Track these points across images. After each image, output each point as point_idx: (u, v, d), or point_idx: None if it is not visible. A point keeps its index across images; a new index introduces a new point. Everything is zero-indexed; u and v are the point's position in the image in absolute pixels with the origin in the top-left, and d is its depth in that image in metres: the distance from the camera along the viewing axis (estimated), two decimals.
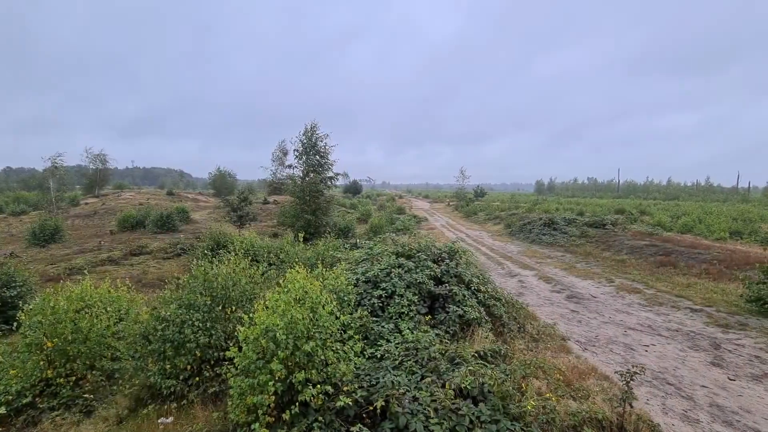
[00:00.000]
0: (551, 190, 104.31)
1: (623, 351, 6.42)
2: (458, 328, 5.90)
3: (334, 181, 21.35)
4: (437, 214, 39.43)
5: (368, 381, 3.94)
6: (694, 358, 6.14)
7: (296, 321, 3.59)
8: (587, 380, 5.09)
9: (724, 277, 10.66)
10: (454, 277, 6.85)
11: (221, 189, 50.77)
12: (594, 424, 3.87)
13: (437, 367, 4.03)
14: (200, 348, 4.83)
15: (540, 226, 20.39)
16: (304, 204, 19.33)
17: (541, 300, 9.54)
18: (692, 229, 19.99)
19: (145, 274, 12.58)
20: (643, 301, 9.24)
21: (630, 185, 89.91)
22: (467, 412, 3.24)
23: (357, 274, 6.72)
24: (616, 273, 12.20)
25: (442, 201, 61.00)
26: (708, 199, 56.23)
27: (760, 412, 4.62)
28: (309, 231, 18.49)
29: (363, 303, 6.01)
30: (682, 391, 5.10)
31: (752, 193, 68.18)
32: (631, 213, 27.76)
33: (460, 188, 50.92)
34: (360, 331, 5.19)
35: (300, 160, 19.70)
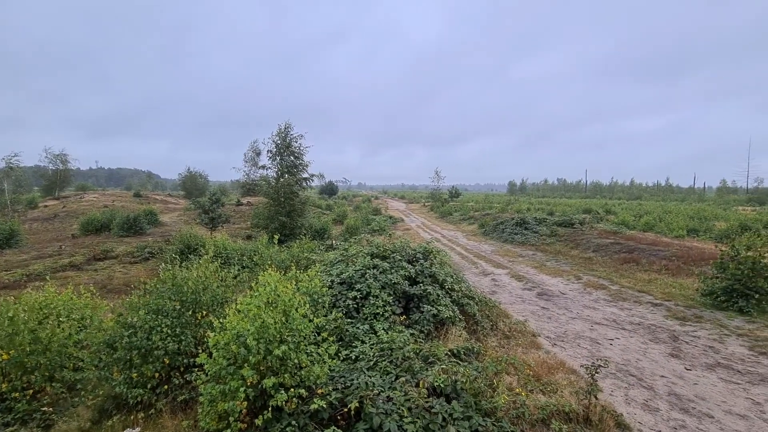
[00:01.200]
0: (523, 190, 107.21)
1: (590, 345, 6.69)
2: (432, 327, 5.98)
3: (310, 182, 21.16)
4: (413, 215, 39.74)
5: (343, 383, 3.93)
6: (655, 350, 6.47)
7: (268, 325, 3.54)
8: (556, 374, 5.27)
9: (682, 272, 11.27)
10: (429, 277, 6.94)
11: (192, 190, 49.28)
12: (562, 417, 4.02)
13: (411, 367, 4.07)
14: (169, 355, 4.68)
15: (512, 226, 20.92)
16: (278, 205, 19.05)
17: (513, 298, 9.79)
18: (653, 227, 21.03)
19: (111, 280, 12.05)
20: (609, 297, 9.65)
21: (596, 186, 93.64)
22: (440, 410, 3.29)
23: (332, 276, 6.69)
24: (583, 270, 12.68)
25: (418, 202, 61.52)
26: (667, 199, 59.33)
27: (713, 399, 4.92)
28: (284, 233, 18.23)
29: (338, 304, 5.99)
30: (643, 382, 5.36)
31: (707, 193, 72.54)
32: (597, 212, 28.93)
33: (435, 189, 51.55)
34: (335, 333, 5.18)
35: (274, 160, 19.42)
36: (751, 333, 7.06)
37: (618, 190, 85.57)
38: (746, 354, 6.24)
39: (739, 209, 36.80)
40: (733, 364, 5.90)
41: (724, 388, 5.18)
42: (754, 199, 56.15)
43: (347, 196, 69.15)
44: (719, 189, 75.16)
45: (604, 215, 27.57)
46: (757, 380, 5.37)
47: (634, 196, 71.13)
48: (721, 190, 74.17)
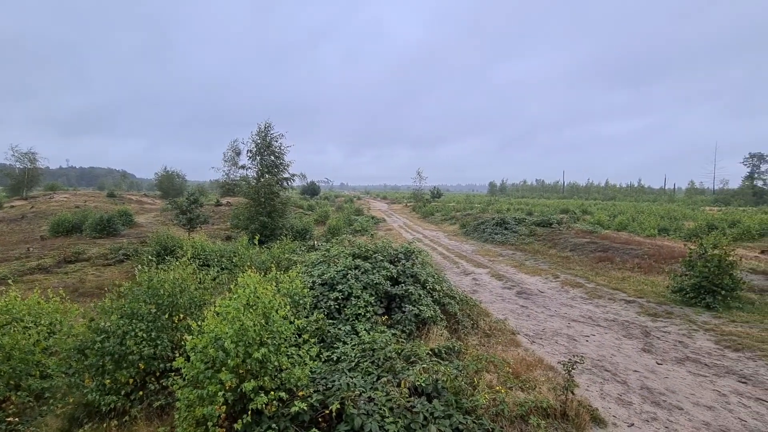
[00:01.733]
0: (503, 191, 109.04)
1: (567, 342, 6.86)
2: (414, 327, 6.01)
3: (291, 182, 20.95)
4: (395, 215, 39.85)
5: (324, 384, 3.91)
6: (628, 346, 6.68)
7: (247, 328, 3.48)
8: (534, 371, 5.38)
9: (654, 270, 11.69)
10: (411, 277, 6.97)
11: (169, 190, 48.01)
12: (540, 413, 4.11)
13: (393, 367, 4.08)
14: (144, 360, 4.54)
15: (492, 226, 21.24)
16: (259, 206, 18.78)
17: (493, 297, 9.94)
18: (627, 227, 21.72)
19: (83, 283, 11.62)
20: (585, 295, 9.92)
21: (573, 187, 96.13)
22: (421, 409, 3.32)
23: (313, 277, 6.65)
24: (561, 269, 12.99)
25: (400, 202, 61.73)
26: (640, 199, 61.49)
27: (682, 392, 5.12)
28: (264, 233, 17.99)
29: (319, 306, 5.95)
30: (617, 377, 5.54)
31: (677, 194, 75.54)
32: (574, 212, 29.69)
33: (417, 189, 51.82)
34: (316, 335, 5.14)
35: (254, 160, 19.13)
36: (717, 328, 7.38)
37: (594, 191, 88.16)
38: (713, 348, 6.52)
39: (706, 209, 38.45)
40: (700, 357, 6.16)
41: (692, 381, 5.40)
42: (720, 200, 58.83)
43: (329, 197, 68.75)
44: (688, 190, 78.39)
45: (580, 215, 28.32)
46: (723, 373, 5.63)
47: (609, 197, 73.45)
48: (689, 191, 77.36)
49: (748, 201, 56.23)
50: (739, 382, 5.34)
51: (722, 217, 25.05)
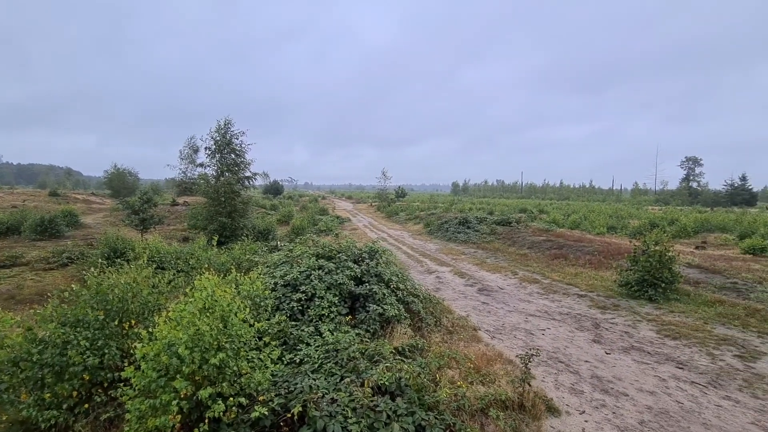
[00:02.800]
0: (465, 191, 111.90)
1: (525, 336, 7.14)
2: (378, 326, 6.03)
3: (252, 181, 20.37)
4: (360, 215, 39.78)
5: (286, 387, 3.83)
6: (580, 338, 7.06)
7: (203, 332, 3.34)
8: (494, 366, 5.56)
9: (603, 266, 12.44)
10: (375, 276, 6.98)
11: (120, 189, 45.14)
12: (499, 405, 4.25)
13: (357, 367, 4.07)
14: (89, 370, 4.24)
15: (455, 225, 21.73)
16: (218, 205, 18.12)
17: (456, 294, 10.17)
18: (579, 225, 22.99)
19: (20, 289, 10.66)
20: (541, 290, 10.38)
21: (531, 187, 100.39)
22: (384, 407, 3.33)
23: (276, 278, 6.50)
24: (519, 266, 13.52)
25: (365, 202, 61.72)
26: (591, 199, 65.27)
27: (628, 379, 5.48)
28: (224, 234, 17.39)
29: (282, 307, 5.83)
30: (570, 367, 5.84)
31: (623, 194, 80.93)
32: (532, 212, 31.01)
33: (382, 189, 52.02)
34: (278, 337, 5.03)
35: (213, 158, 18.42)
36: (658, 318, 7.97)
37: (549, 191, 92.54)
38: (654, 337, 7.03)
39: (649, 209, 41.46)
40: (644, 346, 6.62)
41: (636, 369, 5.79)
42: (660, 200, 63.65)
43: (293, 196, 67.52)
44: (633, 190, 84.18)
45: (537, 214, 29.62)
46: (663, 360, 6.08)
47: (564, 197, 77.39)
48: (634, 191, 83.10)
49: (684, 201, 61.29)
50: (677, 368, 5.79)
51: (663, 215, 27.09)
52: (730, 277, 10.32)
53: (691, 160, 70.43)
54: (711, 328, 7.36)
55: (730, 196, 59.80)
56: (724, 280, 10.18)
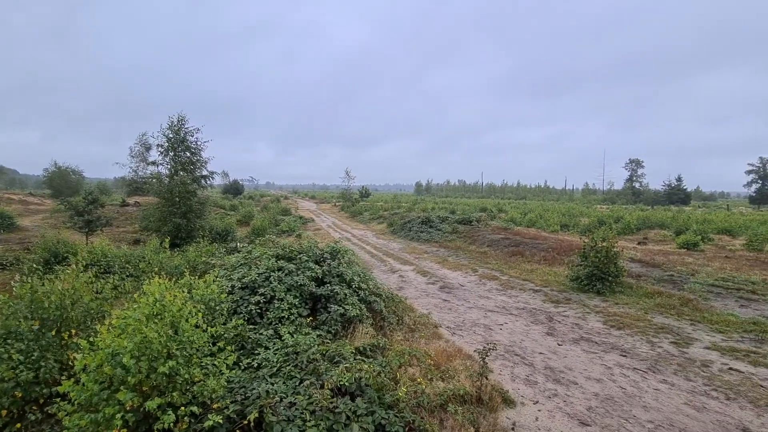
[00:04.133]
0: (428, 190, 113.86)
1: (483, 331, 7.36)
2: (340, 326, 5.98)
3: (210, 180, 19.59)
4: (324, 215, 39.36)
5: (243, 393, 3.70)
6: (535, 331, 7.38)
7: (151, 340, 3.16)
8: (454, 361, 5.68)
9: (556, 262, 13.08)
10: (336, 276, 6.92)
11: (62, 189, 41.79)
12: (457, 400, 4.35)
13: (317, 369, 4.02)
14: (22, 387, 3.89)
15: (418, 224, 22.03)
16: (172, 206, 17.25)
17: (418, 292, 10.30)
18: (535, 223, 24.05)
19: None
20: (500, 287, 10.75)
21: (491, 187, 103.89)
22: (344, 408, 3.31)
23: (233, 281, 6.27)
24: (479, 263, 13.92)
25: (329, 202, 61.16)
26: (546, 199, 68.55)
27: (577, 368, 5.79)
28: (179, 236, 16.60)
29: (239, 311, 5.64)
30: (525, 360, 6.08)
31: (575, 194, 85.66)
32: (491, 211, 32.06)
33: (346, 189, 51.79)
34: (234, 342, 4.86)
35: (166, 156, 17.52)
36: (605, 310, 8.49)
37: (508, 191, 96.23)
38: (601, 328, 7.49)
39: (597, 207, 44.13)
40: (592, 337, 7.03)
41: (585, 358, 6.13)
42: (608, 199, 67.98)
43: (254, 196, 65.62)
44: (583, 190, 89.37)
45: (497, 213, 30.67)
46: (609, 349, 6.49)
47: (521, 196, 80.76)
48: (585, 191, 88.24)
49: (628, 200, 65.83)
50: (621, 356, 6.20)
51: (609, 214, 28.93)
52: (667, 270, 11.19)
53: (634, 162, 75.74)
54: (651, 317, 7.95)
55: (668, 195, 64.95)
56: (662, 273, 11.02)
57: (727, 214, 31.34)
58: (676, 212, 32.91)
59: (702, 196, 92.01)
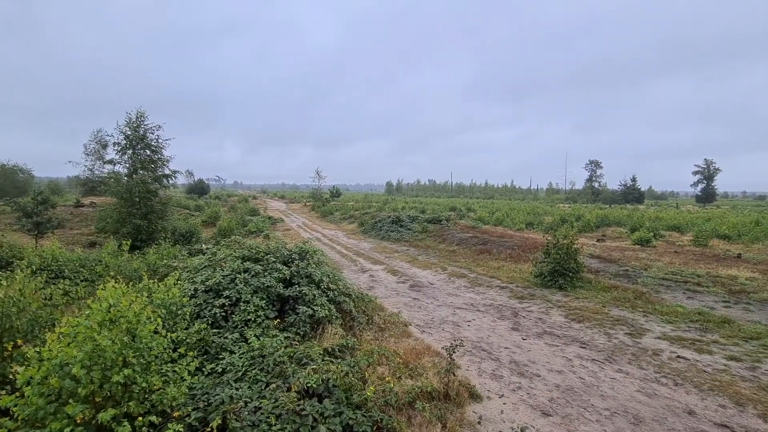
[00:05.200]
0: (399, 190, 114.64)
1: (452, 328, 7.49)
2: (309, 328, 5.91)
3: (172, 179, 18.80)
4: (294, 215, 38.74)
5: (205, 400, 3.58)
6: (501, 326, 7.60)
7: (104, 348, 2.99)
8: (423, 359, 5.75)
9: (522, 259, 13.51)
10: (305, 277, 6.83)
11: (8, 189, 38.85)
12: (425, 397, 4.41)
13: (283, 372, 3.95)
14: None
15: (389, 224, 22.12)
16: (131, 206, 16.44)
17: (388, 291, 10.35)
18: (502, 222, 24.72)
19: None
20: (468, 284, 10.98)
21: (460, 186, 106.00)
22: (311, 410, 3.27)
23: (196, 283, 6.06)
24: (448, 262, 14.16)
25: (299, 201, 60.28)
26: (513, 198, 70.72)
27: (540, 361, 6.01)
28: (139, 238, 15.83)
29: (203, 315, 5.45)
30: (492, 355, 6.25)
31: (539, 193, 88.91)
32: (461, 210, 32.67)
33: (316, 188, 51.24)
34: (197, 347, 4.70)
35: (124, 154, 16.67)
36: (566, 304, 8.86)
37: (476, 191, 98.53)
38: (563, 321, 7.81)
39: (560, 206, 45.98)
40: (554, 330, 7.32)
41: (548, 351, 6.38)
42: (569, 198, 71.03)
43: (221, 196, 63.63)
44: (547, 190, 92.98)
45: (466, 212, 31.28)
46: (570, 341, 6.78)
47: (489, 196, 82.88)
48: (548, 191, 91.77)
49: (588, 199, 69.09)
50: (580, 348, 6.49)
51: (571, 212, 30.21)
52: (623, 266, 11.82)
53: (594, 163, 79.52)
54: (608, 310, 8.37)
55: (624, 194, 68.69)
56: (619, 268, 11.64)
57: (676, 212, 33.52)
58: (632, 210, 34.84)
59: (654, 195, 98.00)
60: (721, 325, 7.35)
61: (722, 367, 5.73)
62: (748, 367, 5.72)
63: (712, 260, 12.78)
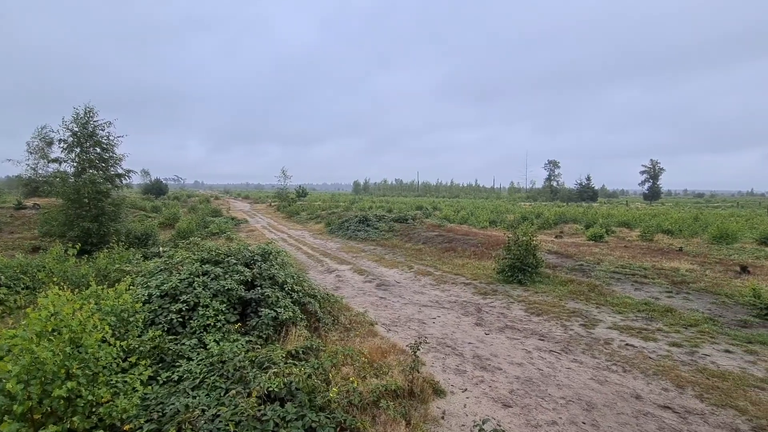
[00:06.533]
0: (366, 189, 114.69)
1: (418, 326, 7.58)
2: (272, 330, 5.78)
3: (126, 179, 17.78)
4: (258, 215, 37.77)
5: (160, 410, 3.42)
6: (465, 322, 7.77)
7: (44, 360, 2.78)
8: (388, 357, 5.78)
9: (485, 256, 13.90)
10: (268, 279, 6.68)
11: None
12: (390, 395, 4.43)
13: (244, 377, 3.84)
14: None
15: (356, 223, 22.06)
16: (80, 208, 15.38)
17: (355, 291, 10.32)
18: (467, 220, 25.33)
19: None
20: (433, 282, 11.15)
21: (426, 186, 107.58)
22: (272, 415, 3.20)
23: (150, 288, 5.76)
24: (415, 260, 14.32)
25: (264, 201, 58.85)
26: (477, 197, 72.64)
27: (502, 355, 6.21)
28: (89, 242, 14.86)
29: (158, 321, 5.20)
30: (456, 350, 6.38)
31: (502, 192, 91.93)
32: (427, 209, 33.14)
33: (282, 188, 50.22)
34: (152, 354, 4.47)
35: (71, 152, 15.58)
36: (526, 299, 9.21)
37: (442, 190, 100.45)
38: (523, 315, 8.11)
39: (522, 204, 47.73)
40: (515, 324, 7.59)
41: (509, 345, 6.60)
42: (530, 197, 73.91)
43: (180, 197, 60.92)
44: (509, 189, 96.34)
45: (431, 211, 31.78)
46: (529, 334, 7.05)
47: (454, 195, 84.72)
48: (510, 189, 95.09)
49: (548, 197, 72.18)
50: (539, 340, 6.77)
51: (531, 210, 31.43)
52: (578, 260, 12.44)
53: (552, 163, 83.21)
54: (564, 303, 8.78)
55: (580, 193, 72.35)
56: (574, 263, 12.23)
57: (626, 209, 35.73)
58: (587, 208, 36.75)
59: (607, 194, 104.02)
60: (665, 314, 7.91)
61: (665, 353, 6.17)
62: (688, 352, 6.20)
63: (657, 254, 13.73)
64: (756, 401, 4.73)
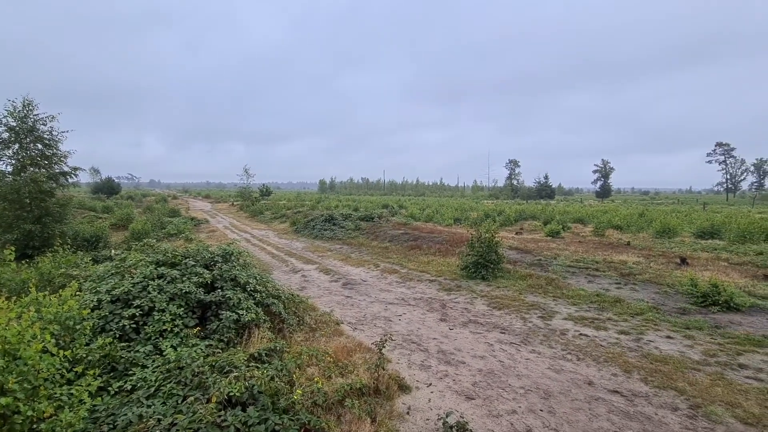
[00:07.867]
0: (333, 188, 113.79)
1: (384, 324, 7.62)
2: (234, 333, 5.60)
3: (72, 177, 16.58)
4: (220, 215, 36.46)
5: (110, 422, 3.23)
6: (430, 318, 7.90)
7: None
8: (354, 356, 5.78)
9: (450, 253, 14.19)
10: (230, 281, 6.47)
11: None
12: (355, 393, 4.43)
13: (203, 382, 3.70)
14: None
15: (322, 222, 21.83)
16: (20, 209, 14.18)
17: (321, 291, 10.21)
18: (432, 218, 25.74)
19: None
20: (400, 279, 11.25)
21: (392, 184, 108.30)
22: (233, 420, 3.11)
23: (100, 293, 5.41)
24: (381, 258, 14.38)
25: (226, 201, 56.91)
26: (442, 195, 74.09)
27: (465, 349, 6.37)
28: (31, 245, 13.76)
29: (108, 328, 4.90)
30: (421, 346, 6.48)
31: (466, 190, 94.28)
32: (393, 207, 33.36)
33: (244, 187, 48.77)
34: (101, 364, 4.21)
35: (7, 149, 14.32)
36: (488, 294, 9.50)
37: (408, 188, 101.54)
38: (486, 310, 8.36)
39: (485, 202, 49.18)
40: (478, 318, 7.80)
41: (472, 339, 6.78)
42: (492, 195, 76.32)
43: (134, 196, 57.68)
44: (473, 187, 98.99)
45: (397, 209, 32.02)
46: (491, 328, 7.28)
47: (420, 193, 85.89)
48: (474, 188, 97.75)
49: (509, 195, 74.78)
50: (500, 333, 7.00)
51: (494, 208, 32.43)
52: (537, 255, 12.99)
53: (513, 162, 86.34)
54: (524, 297, 9.14)
55: (538, 191, 75.51)
56: (533, 258, 12.76)
57: (580, 207, 37.69)
58: (545, 206, 38.43)
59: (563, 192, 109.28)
60: (614, 304, 8.43)
61: (614, 340, 6.58)
62: (634, 339, 6.64)
63: (608, 248, 14.60)
64: (693, 382, 5.15)
